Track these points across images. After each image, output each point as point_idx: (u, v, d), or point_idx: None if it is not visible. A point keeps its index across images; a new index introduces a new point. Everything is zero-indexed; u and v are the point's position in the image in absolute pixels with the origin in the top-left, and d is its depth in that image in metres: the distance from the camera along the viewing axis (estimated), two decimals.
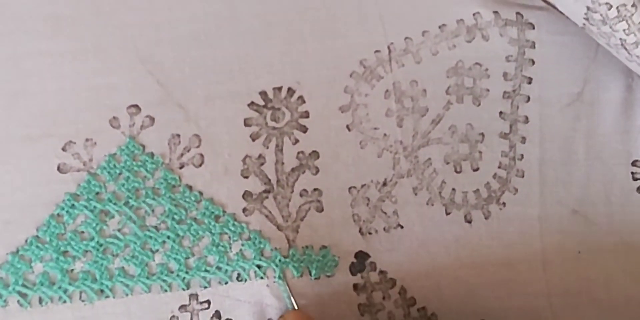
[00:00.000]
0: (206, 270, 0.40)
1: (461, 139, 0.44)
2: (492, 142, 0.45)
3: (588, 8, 0.40)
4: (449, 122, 0.44)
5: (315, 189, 0.42)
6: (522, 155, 0.45)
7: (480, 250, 0.43)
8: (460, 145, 0.44)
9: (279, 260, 0.41)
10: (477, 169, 0.44)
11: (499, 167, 0.45)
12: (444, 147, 0.44)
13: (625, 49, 0.40)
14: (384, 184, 0.43)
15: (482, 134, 0.44)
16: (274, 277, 0.41)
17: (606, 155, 0.45)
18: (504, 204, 0.44)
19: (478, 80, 0.45)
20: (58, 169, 0.41)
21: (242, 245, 0.41)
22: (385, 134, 0.44)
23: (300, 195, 0.42)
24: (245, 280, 0.41)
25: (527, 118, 0.45)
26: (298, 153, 0.42)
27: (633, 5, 0.39)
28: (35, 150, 0.41)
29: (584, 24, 0.42)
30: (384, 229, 0.43)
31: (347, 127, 0.43)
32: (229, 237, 0.41)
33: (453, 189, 0.44)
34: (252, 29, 0.43)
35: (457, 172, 0.44)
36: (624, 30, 0.40)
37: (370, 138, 0.43)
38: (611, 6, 0.39)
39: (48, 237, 0.40)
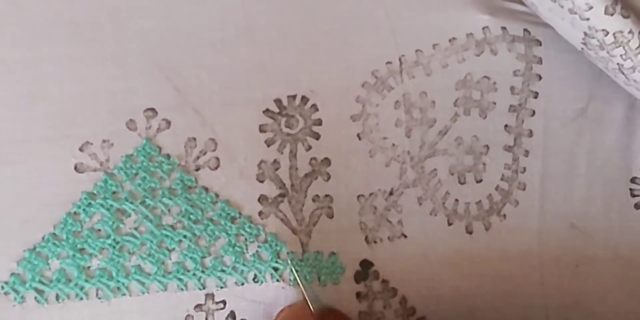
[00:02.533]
0: (222, 270, 0.49)
1: (466, 150, 0.54)
2: (496, 155, 0.54)
3: (585, 33, 0.49)
4: (456, 134, 0.54)
5: (326, 195, 0.51)
6: (524, 168, 0.55)
7: (480, 261, 0.53)
8: (465, 157, 0.54)
9: (295, 264, 0.50)
10: (480, 181, 0.54)
11: (502, 180, 0.55)
12: (450, 158, 0.54)
13: (623, 73, 0.50)
14: (391, 193, 0.53)
15: (487, 146, 0.55)
16: (290, 279, 0.51)
17: (607, 171, 0.55)
18: (504, 216, 0.54)
19: (485, 93, 0.55)
20: (75, 168, 0.49)
21: (259, 247, 0.50)
22: (393, 144, 0.53)
23: (313, 200, 0.51)
24: (262, 281, 0.49)
25: (531, 132, 0.55)
26: (311, 159, 0.51)
27: (630, 31, 0.47)
28: (53, 151, 0.48)
29: (582, 48, 0.52)
30: (389, 238, 0.52)
31: (358, 135, 0.53)
32: (245, 239, 0.50)
33: (456, 200, 0.54)
34: (268, 38, 0.52)
35: (461, 183, 0.54)
36: (621, 55, 0.49)
37: (380, 147, 0.53)
38: (608, 32, 0.48)
39: (65, 235, 0.48)
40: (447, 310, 0.51)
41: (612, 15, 0.47)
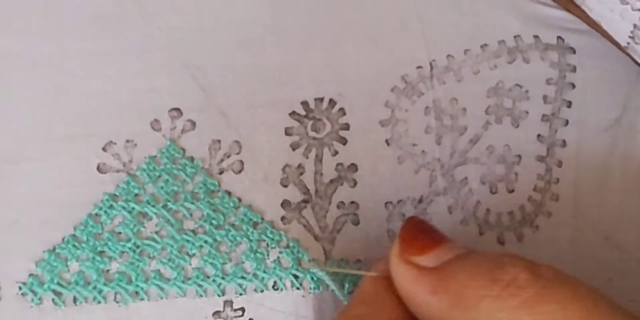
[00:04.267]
0: (242, 277, 0.49)
1: (498, 159, 0.55)
2: (528, 165, 0.54)
3: (635, 26, 0.49)
4: (487, 142, 0.54)
5: (352, 202, 0.52)
6: (557, 179, 0.55)
7: None
8: (497, 166, 0.55)
9: (316, 272, 0.51)
10: (512, 191, 0.55)
11: (534, 190, 0.55)
12: (481, 167, 0.54)
13: None
14: (420, 201, 0.53)
15: (519, 156, 0.55)
16: (310, 288, 0.51)
17: None
18: (537, 227, 0.54)
19: (518, 101, 0.55)
20: (98, 168, 0.49)
21: (280, 253, 0.50)
22: (423, 151, 0.54)
23: (338, 207, 0.51)
24: (281, 289, 0.50)
25: (564, 142, 0.55)
26: (337, 165, 0.52)
27: None
28: (75, 150, 0.49)
29: (628, 43, 0.53)
30: None
31: (387, 141, 0.53)
32: (267, 244, 0.50)
33: (488, 210, 0.54)
34: (296, 38, 0.53)
35: (492, 192, 0.54)
36: None
37: (409, 154, 0.53)
38: None
39: (85, 237, 0.48)
40: None
41: None
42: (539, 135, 0.53)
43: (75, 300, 0.48)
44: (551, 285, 0.39)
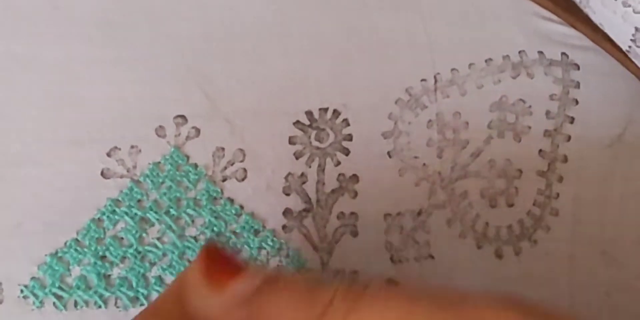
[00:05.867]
0: None
1: (499, 173, 0.56)
2: (529, 179, 0.56)
3: (636, 29, 0.50)
4: (488, 157, 0.56)
5: (352, 213, 0.53)
6: (557, 194, 0.57)
7: (509, 285, 0.54)
8: (497, 180, 0.56)
9: None
10: (512, 205, 0.56)
11: (534, 205, 0.56)
12: (481, 180, 0.56)
13: None
14: (419, 214, 0.55)
15: (520, 171, 0.57)
16: None
17: None
18: (535, 241, 0.56)
19: (520, 116, 0.57)
20: (102, 174, 0.51)
21: (280, 261, 0.52)
22: (424, 164, 0.55)
23: (338, 217, 0.53)
24: None
25: (566, 157, 0.57)
26: (339, 175, 0.53)
27: None
28: (80, 154, 0.50)
29: (630, 47, 0.54)
30: (415, 258, 0.54)
31: (389, 153, 0.54)
32: (267, 253, 0.52)
33: (486, 223, 0.56)
34: (302, 48, 0.54)
35: (492, 206, 0.56)
36: None
37: (410, 166, 0.55)
38: None
39: (87, 241, 0.50)
40: None
41: None
42: (540, 151, 0.55)
43: (76, 304, 0.49)
44: (366, 298, 0.37)
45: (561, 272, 0.54)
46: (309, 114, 0.52)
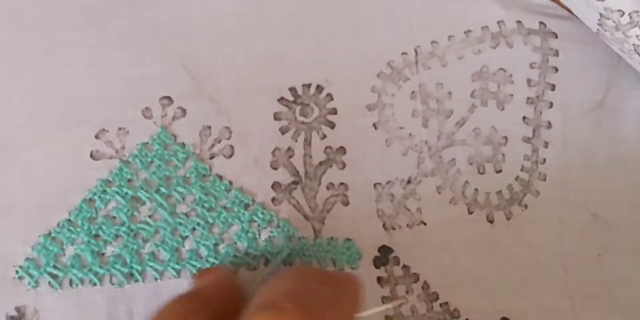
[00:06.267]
0: (235, 256, 0.52)
1: (485, 141, 0.57)
2: (515, 146, 0.56)
3: (601, 15, 0.51)
4: (473, 125, 0.57)
5: (341, 183, 0.54)
6: (544, 159, 0.58)
7: (501, 249, 0.55)
8: (484, 148, 0.57)
9: (307, 248, 0.53)
10: (500, 171, 0.57)
11: (522, 170, 0.57)
12: (468, 148, 0.57)
13: (638, 54, 0.55)
14: (409, 182, 0.56)
15: (506, 138, 0.57)
16: (301, 263, 0.53)
17: (627, 161, 0.57)
18: (525, 206, 0.57)
19: (502, 85, 0.58)
20: (91, 155, 0.51)
21: (271, 232, 0.53)
22: (410, 134, 0.56)
23: (327, 188, 0.53)
24: (273, 266, 0.53)
25: (550, 123, 0.58)
26: (326, 148, 0.54)
27: None
28: (69, 137, 0.51)
29: (598, 30, 0.56)
30: (407, 225, 0.55)
31: (374, 125, 0.55)
32: (258, 225, 0.52)
33: (476, 189, 0.56)
34: (283, 27, 0.55)
35: (480, 173, 0.57)
36: (637, 35, 0.50)
37: (396, 137, 0.56)
38: (623, 13, 0.50)
39: (80, 221, 0.51)
40: (470, 296, 0.53)
41: None
42: (524, 117, 0.56)
43: (71, 282, 0.50)
44: None
45: (553, 236, 0.55)
46: (292, 90, 0.54)
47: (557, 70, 0.56)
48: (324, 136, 0.53)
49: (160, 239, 0.50)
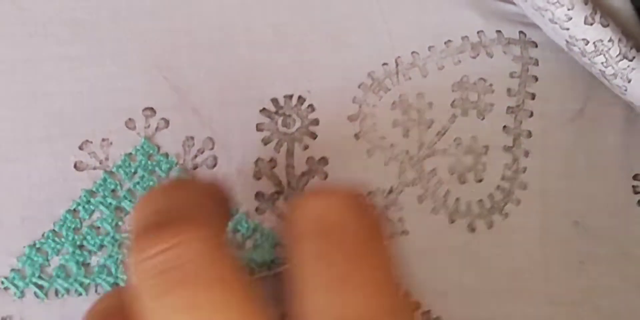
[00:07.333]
0: None
1: (466, 150, 0.59)
2: (495, 155, 0.58)
3: (567, 41, 0.53)
4: (454, 135, 0.58)
5: None
6: (525, 168, 0.59)
7: (483, 258, 0.56)
8: (465, 157, 0.59)
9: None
10: (480, 180, 0.59)
11: (502, 179, 0.59)
12: (449, 158, 0.58)
13: (606, 79, 0.54)
14: (390, 192, 0.58)
15: (486, 147, 0.59)
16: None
17: (608, 169, 0.59)
18: (506, 214, 0.58)
19: (482, 95, 0.60)
20: (75, 166, 0.53)
21: (256, 241, 0.55)
22: (392, 144, 0.58)
23: None
24: (257, 275, 0.54)
25: (530, 132, 0.60)
26: (308, 158, 0.56)
27: (610, 40, 0.51)
28: (52, 149, 0.52)
29: (568, 51, 0.57)
30: (389, 234, 0.58)
31: (356, 135, 0.57)
32: (242, 234, 0.54)
33: (457, 199, 0.58)
34: (265, 39, 0.56)
35: (461, 182, 0.59)
36: (602, 62, 0.52)
37: (378, 147, 0.58)
38: (588, 41, 0.52)
39: (65, 232, 0.52)
40: (453, 305, 0.54)
41: (591, 24, 0.51)
42: (504, 127, 0.58)
43: (57, 293, 0.51)
44: None
45: (534, 244, 0.56)
46: (274, 101, 0.55)
47: (537, 79, 0.58)
48: (306, 147, 0.55)
49: None
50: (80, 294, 0.51)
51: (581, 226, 0.56)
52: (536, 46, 0.59)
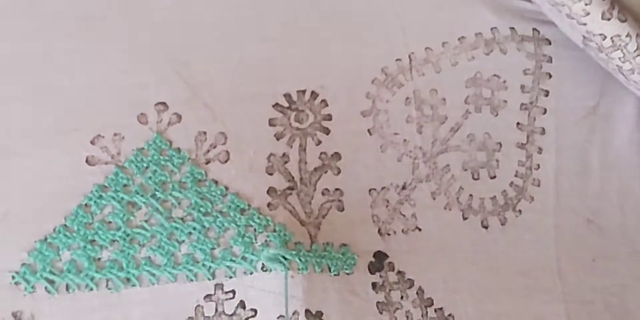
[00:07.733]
0: (232, 260, 0.53)
1: (479, 147, 0.59)
2: (509, 152, 0.58)
3: (584, 37, 0.53)
4: (468, 131, 0.58)
5: (336, 189, 0.55)
6: (538, 165, 0.59)
7: (496, 255, 0.56)
8: (478, 153, 0.58)
9: (303, 254, 0.55)
10: (494, 177, 0.59)
11: (516, 176, 0.58)
12: (462, 154, 0.58)
13: (622, 74, 0.53)
14: (403, 188, 0.58)
15: (500, 144, 0.59)
16: (298, 268, 0.55)
17: (620, 167, 0.58)
18: (520, 211, 0.58)
19: (496, 91, 0.60)
20: (86, 161, 0.52)
21: (267, 237, 0.54)
22: (405, 140, 0.58)
23: (322, 193, 0.54)
24: (270, 270, 0.54)
25: (543, 129, 0.60)
26: (321, 153, 0.55)
27: (627, 35, 0.51)
28: (65, 143, 0.52)
29: (584, 47, 0.55)
30: (402, 230, 0.56)
31: (369, 131, 0.56)
32: (254, 229, 0.53)
33: (470, 195, 0.58)
34: (278, 34, 0.56)
35: (474, 179, 0.58)
36: (619, 58, 0.52)
37: (391, 143, 0.58)
38: (605, 37, 0.51)
39: (76, 227, 0.52)
40: (465, 302, 0.54)
41: (609, 20, 0.51)
42: (518, 123, 0.58)
43: (67, 287, 0.51)
44: None
45: (548, 241, 0.56)
46: (287, 96, 0.55)
47: (550, 76, 0.58)
48: (319, 142, 0.54)
49: (156, 244, 0.51)
50: (91, 289, 0.51)
51: (594, 224, 0.56)
52: (550, 43, 0.59)
